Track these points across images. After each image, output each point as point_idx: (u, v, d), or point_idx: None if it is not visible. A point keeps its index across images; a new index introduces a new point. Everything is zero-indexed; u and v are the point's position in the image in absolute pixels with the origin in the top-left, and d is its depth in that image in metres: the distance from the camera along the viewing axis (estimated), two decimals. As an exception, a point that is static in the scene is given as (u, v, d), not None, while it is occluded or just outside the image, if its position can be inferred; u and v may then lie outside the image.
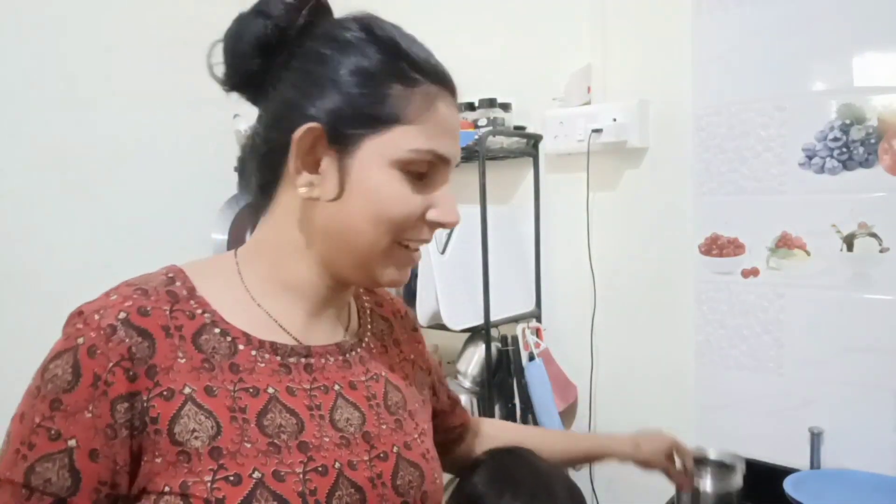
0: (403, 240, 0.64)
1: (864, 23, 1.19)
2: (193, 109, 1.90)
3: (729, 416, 1.39)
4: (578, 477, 1.60)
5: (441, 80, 0.65)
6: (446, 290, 1.45)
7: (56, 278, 1.55)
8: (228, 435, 0.57)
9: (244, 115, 1.96)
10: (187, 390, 0.58)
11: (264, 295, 0.66)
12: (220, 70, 0.65)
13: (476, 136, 1.44)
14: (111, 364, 0.55)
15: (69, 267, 1.59)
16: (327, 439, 0.63)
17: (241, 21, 0.64)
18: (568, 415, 1.61)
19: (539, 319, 1.63)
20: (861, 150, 1.21)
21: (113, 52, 1.75)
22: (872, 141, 1.20)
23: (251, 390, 0.60)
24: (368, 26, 0.64)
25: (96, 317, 0.57)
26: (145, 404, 0.56)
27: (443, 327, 1.46)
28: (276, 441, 0.59)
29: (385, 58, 0.62)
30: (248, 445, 0.58)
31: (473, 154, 1.46)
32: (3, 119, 1.52)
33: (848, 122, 1.22)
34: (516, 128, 1.60)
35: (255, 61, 0.63)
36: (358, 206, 0.62)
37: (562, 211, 1.61)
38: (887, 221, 1.19)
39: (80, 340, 0.56)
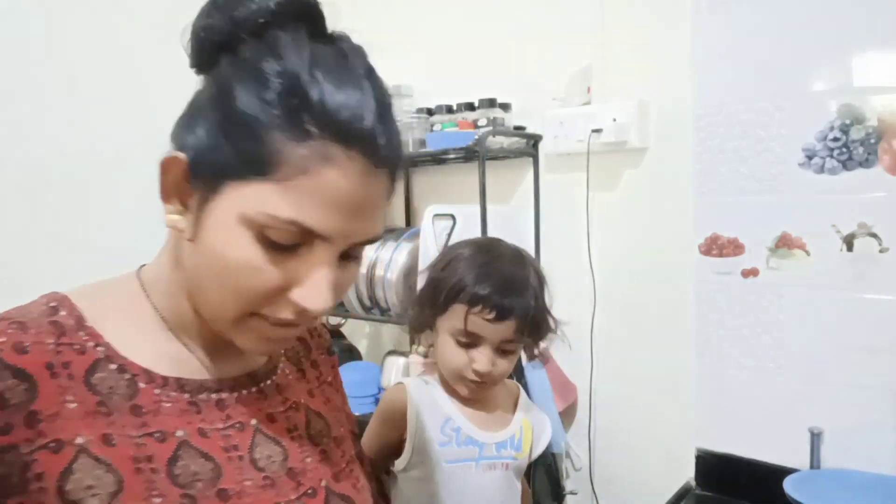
0: (259, 312, 0.54)
1: (864, 23, 1.19)
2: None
3: (729, 416, 1.38)
4: (579, 476, 1.60)
5: (351, 141, 0.49)
6: (446, 290, 1.44)
7: (55, 279, 1.55)
8: (133, 489, 0.49)
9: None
10: (80, 440, 0.48)
11: (174, 321, 0.58)
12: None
13: (476, 136, 1.45)
14: None
15: (67, 267, 1.58)
16: (249, 482, 0.56)
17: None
18: (568, 415, 1.61)
19: (539, 319, 1.63)
20: (861, 150, 1.21)
21: (112, 51, 1.75)
22: (872, 141, 1.20)
23: (157, 435, 0.52)
24: (276, 49, 0.50)
25: None
26: (26, 458, 0.46)
27: (443, 327, 1.46)
28: (190, 492, 0.52)
29: (278, 93, 0.49)
30: (158, 500, 0.50)
31: (473, 154, 1.46)
32: (2, 119, 1.52)
33: (848, 122, 1.22)
34: (516, 128, 1.60)
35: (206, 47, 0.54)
36: (205, 259, 0.52)
37: (562, 211, 1.60)
38: (887, 221, 1.19)
39: None
